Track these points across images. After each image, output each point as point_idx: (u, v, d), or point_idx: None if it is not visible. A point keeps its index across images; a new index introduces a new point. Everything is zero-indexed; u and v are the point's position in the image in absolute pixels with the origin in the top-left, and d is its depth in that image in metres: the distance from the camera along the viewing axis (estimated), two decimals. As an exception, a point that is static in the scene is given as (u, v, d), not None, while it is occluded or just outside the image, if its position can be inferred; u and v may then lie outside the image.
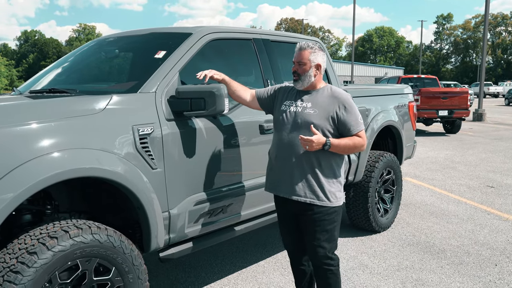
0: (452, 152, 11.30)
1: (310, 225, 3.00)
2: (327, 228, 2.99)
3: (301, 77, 3.01)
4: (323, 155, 2.93)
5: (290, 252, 3.30)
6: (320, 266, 3.05)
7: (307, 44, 3.01)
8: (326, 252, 3.01)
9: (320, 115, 2.94)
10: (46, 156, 2.39)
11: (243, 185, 3.57)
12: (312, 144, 2.81)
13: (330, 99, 2.99)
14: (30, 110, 2.63)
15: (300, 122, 2.97)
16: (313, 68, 3.00)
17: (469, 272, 4.22)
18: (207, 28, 3.61)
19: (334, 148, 2.89)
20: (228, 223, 3.55)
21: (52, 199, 2.85)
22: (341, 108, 2.94)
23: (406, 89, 6.11)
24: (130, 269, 2.70)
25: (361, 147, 3.02)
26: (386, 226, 5.38)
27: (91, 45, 4.13)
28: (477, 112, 20.49)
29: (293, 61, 3.05)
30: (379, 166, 5.09)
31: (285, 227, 3.23)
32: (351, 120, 2.95)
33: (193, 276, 4.12)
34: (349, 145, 2.94)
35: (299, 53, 3.01)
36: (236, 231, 3.64)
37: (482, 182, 7.93)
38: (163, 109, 3.02)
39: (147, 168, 2.86)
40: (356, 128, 2.95)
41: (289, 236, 3.23)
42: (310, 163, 2.94)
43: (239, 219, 3.64)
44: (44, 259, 2.30)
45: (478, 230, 5.39)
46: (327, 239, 3.00)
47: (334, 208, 3.00)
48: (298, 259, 3.27)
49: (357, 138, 2.96)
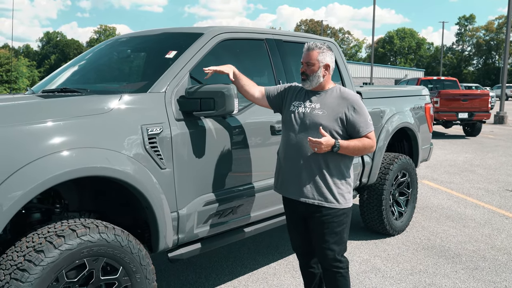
0: (472, 155, 11.11)
1: (318, 227, 2.97)
2: (336, 230, 2.95)
3: (309, 77, 2.98)
4: (331, 157, 2.90)
5: (299, 254, 3.27)
6: (329, 269, 3.01)
7: (315, 44, 2.98)
8: (335, 254, 2.97)
9: (329, 116, 2.91)
10: (55, 154, 2.41)
11: (254, 186, 3.55)
12: (321, 146, 2.78)
13: (339, 100, 2.95)
14: (40, 109, 2.66)
15: (308, 123, 2.94)
16: (321, 68, 2.97)
17: (484, 277, 4.12)
18: (219, 28, 3.60)
19: (343, 150, 2.86)
20: (238, 224, 3.53)
21: (61, 198, 2.87)
22: (350, 109, 2.91)
23: (423, 91, 6.02)
24: (138, 269, 2.70)
25: (371, 149, 2.98)
26: (401, 230, 5.30)
27: (104, 46, 4.16)
28: (499, 115, 20.13)
29: (301, 61, 3.03)
30: (394, 169, 5.02)
31: (294, 229, 3.20)
32: (360, 121, 2.91)
33: (204, 277, 4.11)
34: (358, 146, 2.90)
35: (307, 54, 2.98)
36: (246, 232, 3.62)
37: (501, 186, 7.78)
38: (172, 109, 3.01)
39: (156, 168, 2.85)
40: (365, 130, 2.92)
41: (298, 238, 3.19)
42: (318, 164, 2.91)
43: (250, 220, 3.62)
44: (51, 257, 2.32)
45: (495, 235, 5.27)
46: (336, 241, 2.96)
47: (343, 210, 2.96)
48: (307, 261, 3.24)
49: (366, 140, 2.92)
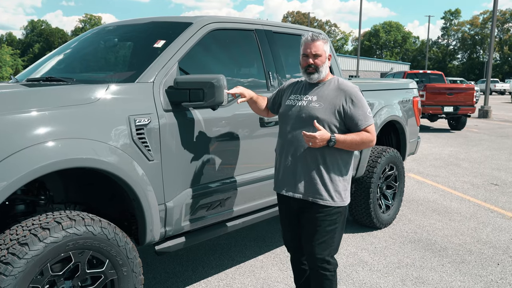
0: (457, 149, 11.20)
1: (309, 224, 2.86)
2: (327, 229, 2.82)
3: (318, 69, 2.84)
4: (328, 152, 2.78)
5: (290, 249, 3.17)
6: (315, 269, 2.88)
7: (319, 34, 2.87)
8: (324, 255, 2.83)
9: (325, 109, 2.79)
10: (40, 145, 2.35)
11: (242, 178, 3.51)
12: (315, 141, 2.66)
13: (337, 92, 2.83)
14: (24, 98, 2.57)
15: (304, 116, 2.82)
16: (327, 59, 2.87)
17: (470, 271, 4.15)
18: (208, 17, 3.54)
19: (340, 145, 2.74)
20: (226, 216, 3.49)
21: (46, 189, 2.80)
22: (348, 102, 2.78)
23: (411, 84, 6.03)
24: (124, 262, 2.66)
25: (370, 143, 2.84)
26: (388, 223, 5.31)
27: (91, 34, 4.07)
28: (483, 109, 20.33)
29: (305, 53, 2.87)
30: (382, 162, 5.02)
31: (287, 224, 3.09)
32: (358, 114, 2.78)
33: (190, 270, 4.08)
34: (356, 141, 2.77)
35: (313, 44, 2.83)
36: (234, 225, 3.58)
37: (486, 180, 7.85)
38: (161, 100, 2.96)
39: (143, 159, 2.80)
40: (364, 123, 2.78)
41: (290, 233, 3.08)
42: (314, 159, 2.79)
43: (238, 213, 3.58)
44: (35, 250, 2.26)
45: (480, 228, 5.32)
46: (325, 241, 2.83)
47: (337, 208, 2.83)
48: (298, 257, 3.14)
49: (365, 134, 2.79)
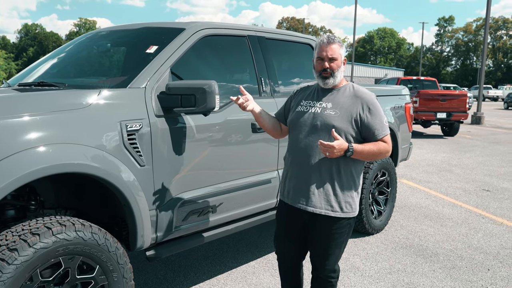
0: (449, 155, 11.26)
1: (321, 237, 2.77)
2: (338, 241, 2.77)
3: (334, 73, 2.70)
4: (344, 162, 2.67)
5: (286, 260, 3.03)
6: (322, 278, 2.86)
7: (333, 37, 2.72)
8: (333, 265, 2.83)
9: (342, 117, 2.66)
10: (31, 150, 2.35)
11: (234, 184, 3.52)
12: (333, 151, 2.52)
13: (353, 99, 2.70)
14: (16, 103, 2.57)
15: (319, 124, 2.68)
16: (342, 63, 2.74)
17: (461, 276, 4.17)
18: (201, 23, 3.55)
19: (357, 155, 2.62)
20: (218, 222, 3.49)
21: (37, 195, 2.80)
22: (365, 110, 2.67)
23: (403, 90, 6.06)
24: (115, 268, 2.65)
25: (386, 154, 2.73)
26: (380, 228, 5.33)
27: (84, 39, 4.07)
28: (476, 116, 20.44)
29: (320, 56, 2.71)
30: (374, 168, 5.04)
31: (287, 235, 2.94)
32: (375, 123, 2.67)
33: (182, 276, 4.07)
34: (373, 151, 2.66)
35: (329, 47, 2.69)
36: (226, 230, 3.59)
37: (478, 186, 7.89)
38: (152, 105, 2.96)
39: (134, 165, 2.81)
40: (381, 133, 2.68)
41: (289, 244, 2.95)
42: (329, 170, 2.67)
43: (230, 219, 3.59)
44: (25, 256, 2.26)
45: (472, 234, 5.34)
46: (335, 252, 2.80)
47: (348, 220, 2.76)
48: (294, 267, 3.05)
49: (382, 144, 2.68)
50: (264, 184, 3.80)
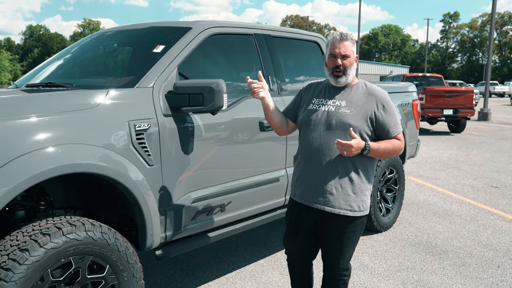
0: (457, 152, 11.21)
1: (333, 235, 2.76)
2: (352, 239, 2.78)
3: (346, 71, 2.66)
4: (360, 160, 2.65)
5: (296, 260, 2.99)
6: (334, 276, 2.86)
7: (346, 33, 2.67)
8: (346, 264, 2.83)
9: (357, 115, 2.63)
10: (41, 150, 2.35)
11: (243, 182, 3.51)
12: (351, 149, 2.49)
13: (367, 97, 2.68)
14: (24, 104, 2.58)
15: (334, 123, 2.64)
16: (354, 61, 2.70)
17: (471, 273, 4.15)
18: (207, 22, 3.54)
19: (373, 153, 2.61)
20: (227, 221, 3.50)
21: (46, 195, 2.81)
22: (380, 108, 2.65)
23: (410, 87, 6.04)
24: (125, 267, 2.65)
25: (400, 151, 2.73)
26: (388, 226, 5.31)
27: (90, 39, 4.08)
28: (482, 112, 20.35)
29: (332, 53, 2.67)
30: (382, 165, 5.02)
31: (298, 235, 2.90)
32: (390, 121, 2.66)
33: (191, 275, 4.07)
34: (388, 149, 2.65)
35: (342, 44, 2.64)
36: (235, 229, 3.59)
37: (486, 182, 7.85)
38: (160, 105, 2.96)
39: (143, 164, 2.81)
40: (395, 130, 2.68)
41: (300, 243, 2.91)
42: (345, 168, 2.65)
43: (239, 217, 3.59)
44: (36, 256, 2.26)
45: (481, 231, 5.32)
46: (348, 250, 2.80)
47: (361, 218, 2.75)
48: (304, 267, 3.02)
49: (396, 141, 2.68)
50: (273, 183, 3.79)
